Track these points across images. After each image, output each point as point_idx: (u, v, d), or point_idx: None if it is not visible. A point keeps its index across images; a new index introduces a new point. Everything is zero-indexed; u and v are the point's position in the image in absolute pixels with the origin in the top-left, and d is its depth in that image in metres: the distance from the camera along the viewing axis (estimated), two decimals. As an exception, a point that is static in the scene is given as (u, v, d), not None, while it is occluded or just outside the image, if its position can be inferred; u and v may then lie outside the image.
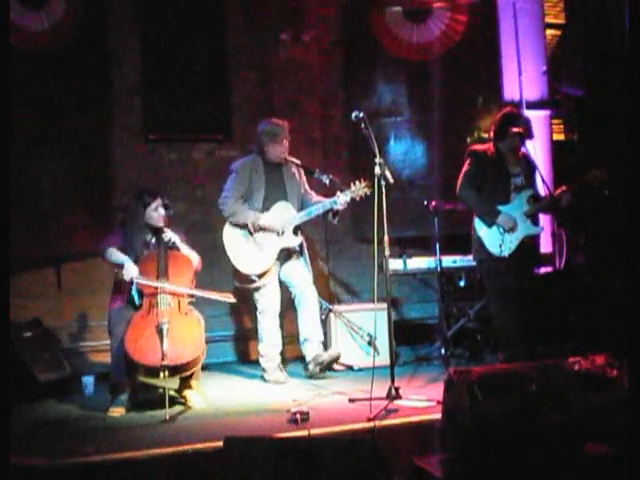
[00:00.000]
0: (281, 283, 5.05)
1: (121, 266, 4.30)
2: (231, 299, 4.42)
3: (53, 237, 5.44)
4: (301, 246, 5.06)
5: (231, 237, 4.93)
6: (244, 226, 4.88)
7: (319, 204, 4.94)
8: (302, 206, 5.04)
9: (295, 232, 4.97)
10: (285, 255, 4.98)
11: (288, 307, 5.43)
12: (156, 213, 4.46)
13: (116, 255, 4.35)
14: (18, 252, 4.88)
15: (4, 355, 3.10)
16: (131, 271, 4.27)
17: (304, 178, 5.15)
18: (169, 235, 4.46)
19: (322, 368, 4.94)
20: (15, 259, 3.51)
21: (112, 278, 4.53)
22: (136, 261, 4.36)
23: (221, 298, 4.39)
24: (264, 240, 4.89)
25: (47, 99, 5.41)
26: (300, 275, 5.02)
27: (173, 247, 4.46)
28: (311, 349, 4.99)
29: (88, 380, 4.84)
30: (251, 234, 4.88)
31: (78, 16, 5.44)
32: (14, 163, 4.85)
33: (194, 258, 4.53)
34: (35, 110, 5.37)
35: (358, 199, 4.86)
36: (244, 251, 4.90)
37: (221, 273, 5.26)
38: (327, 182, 4.94)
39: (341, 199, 4.82)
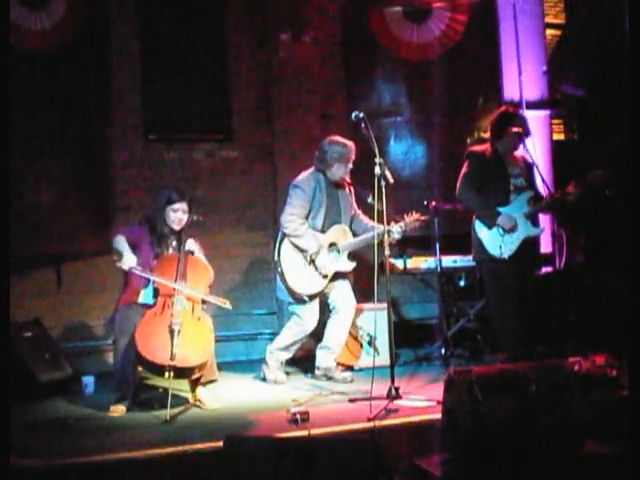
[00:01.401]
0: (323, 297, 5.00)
1: (120, 255, 4.30)
2: (227, 305, 4.36)
3: (53, 237, 5.43)
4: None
5: (289, 254, 4.84)
6: (301, 250, 4.82)
7: (374, 232, 4.68)
8: (351, 226, 4.99)
9: (349, 256, 4.93)
10: (334, 276, 4.92)
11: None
12: (174, 214, 4.43)
13: (120, 244, 4.36)
14: (18, 252, 4.89)
15: (4, 355, 3.10)
16: (128, 260, 4.27)
17: (354, 198, 5.08)
18: (189, 244, 4.47)
19: (327, 380, 4.93)
20: (15, 259, 3.51)
21: (120, 277, 4.53)
22: (157, 256, 4.40)
23: (217, 302, 4.36)
24: (321, 262, 4.82)
25: (47, 99, 5.41)
26: (346, 293, 4.98)
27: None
28: (326, 358, 4.97)
29: (88, 380, 4.84)
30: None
31: (78, 16, 5.44)
32: (14, 163, 4.85)
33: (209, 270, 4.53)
34: (35, 110, 5.37)
35: (409, 231, 4.81)
36: (300, 270, 4.82)
37: (220, 273, 5.25)
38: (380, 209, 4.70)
39: (395, 232, 4.72)
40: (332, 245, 4.91)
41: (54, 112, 5.44)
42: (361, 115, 4.40)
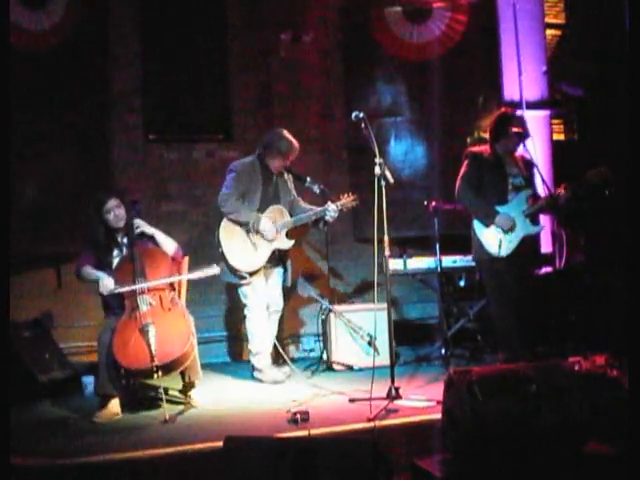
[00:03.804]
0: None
1: (97, 282, 4.28)
2: (215, 269, 4.32)
3: (53, 237, 5.43)
4: (285, 253, 5.08)
5: (228, 233, 4.93)
6: (242, 224, 4.90)
7: (311, 212, 5.01)
8: (291, 211, 5.08)
9: (287, 235, 5.01)
10: (275, 258, 5.01)
11: (288, 306, 5.45)
12: (111, 215, 4.39)
13: (89, 273, 4.34)
14: (18, 252, 4.89)
15: (4, 355, 3.10)
16: (107, 284, 4.24)
17: (293, 184, 5.19)
18: (138, 224, 4.42)
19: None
20: (15, 259, 3.51)
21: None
22: (110, 266, 4.37)
23: (204, 274, 4.30)
24: (259, 240, 4.91)
25: (47, 99, 5.41)
26: (275, 296, 5.08)
27: (145, 236, 4.43)
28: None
29: (88, 380, 4.84)
30: (248, 233, 4.90)
31: (78, 16, 5.44)
32: (14, 163, 4.85)
33: (169, 245, 4.50)
34: (35, 110, 5.36)
35: (345, 210, 5.02)
36: (239, 248, 4.92)
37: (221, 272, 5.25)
38: (317, 191, 5.04)
39: (331, 209, 4.91)
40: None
41: (54, 112, 5.43)
42: (361, 115, 4.40)
